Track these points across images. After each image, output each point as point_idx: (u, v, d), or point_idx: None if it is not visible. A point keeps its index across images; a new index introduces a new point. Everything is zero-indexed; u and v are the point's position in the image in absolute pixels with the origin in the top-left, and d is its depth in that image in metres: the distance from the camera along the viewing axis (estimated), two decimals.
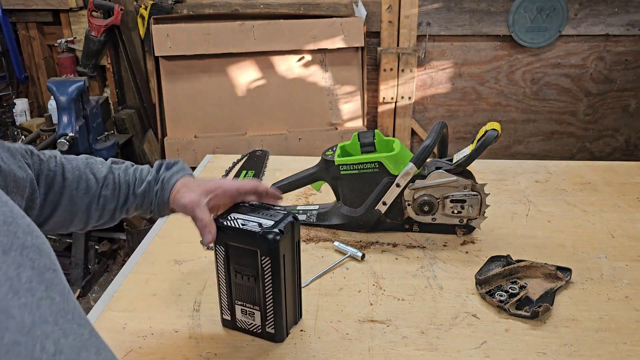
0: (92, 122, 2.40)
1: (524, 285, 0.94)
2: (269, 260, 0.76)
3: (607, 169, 1.47)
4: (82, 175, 0.78)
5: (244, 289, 0.80)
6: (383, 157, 1.07)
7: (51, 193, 0.75)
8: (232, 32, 2.51)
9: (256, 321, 0.82)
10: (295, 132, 2.62)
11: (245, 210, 0.80)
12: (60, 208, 0.76)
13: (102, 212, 0.80)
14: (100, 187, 0.79)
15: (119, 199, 0.80)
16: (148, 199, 0.82)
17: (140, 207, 0.83)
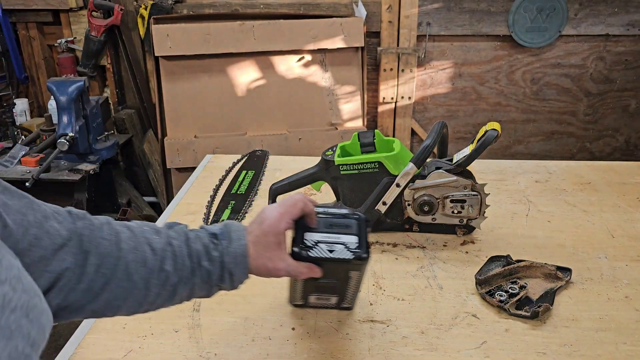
0: (92, 122, 2.40)
1: (524, 285, 0.94)
2: (358, 272, 0.77)
3: (607, 169, 1.47)
4: (139, 246, 0.66)
5: (325, 288, 0.81)
6: (383, 157, 1.07)
7: (104, 265, 0.63)
8: (232, 32, 2.51)
9: (331, 302, 0.86)
10: (295, 132, 2.62)
11: (315, 225, 0.76)
12: (114, 282, 0.63)
13: (162, 289, 0.67)
14: (160, 260, 0.66)
15: (183, 272, 0.68)
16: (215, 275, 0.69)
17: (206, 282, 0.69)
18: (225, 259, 0.69)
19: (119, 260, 0.64)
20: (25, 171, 2.32)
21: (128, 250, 0.65)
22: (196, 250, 0.69)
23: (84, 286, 0.61)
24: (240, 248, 0.70)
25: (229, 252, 0.69)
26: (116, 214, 2.65)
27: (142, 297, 0.66)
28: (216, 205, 1.29)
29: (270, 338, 0.84)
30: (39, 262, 0.56)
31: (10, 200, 0.55)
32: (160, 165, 2.73)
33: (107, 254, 0.63)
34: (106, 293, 0.63)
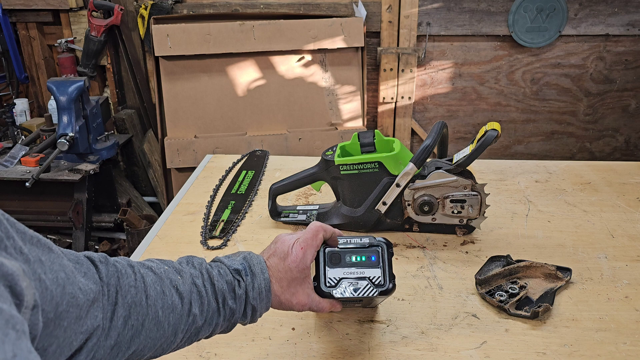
0: (92, 122, 2.40)
1: (524, 285, 0.94)
2: (385, 297, 0.78)
3: (607, 169, 1.47)
4: (166, 291, 0.61)
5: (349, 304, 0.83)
6: (383, 157, 1.07)
7: (132, 316, 0.57)
8: (232, 32, 2.51)
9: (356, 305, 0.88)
10: (295, 132, 2.62)
11: (336, 261, 0.76)
12: (143, 334, 0.59)
13: (188, 333, 0.64)
14: (189, 303, 0.63)
15: (208, 314, 0.65)
16: (238, 313, 0.68)
17: (229, 320, 0.68)
18: (249, 295, 0.67)
19: (148, 309, 0.59)
20: (25, 171, 2.32)
21: (156, 297, 0.60)
22: (221, 289, 0.66)
23: (111, 342, 0.56)
24: (264, 283, 0.68)
25: (254, 287, 0.68)
26: (116, 214, 2.65)
27: (169, 344, 0.62)
28: (216, 205, 1.29)
29: (270, 338, 0.84)
30: (74, 324, 0.50)
31: (42, 255, 0.48)
32: (160, 165, 2.73)
33: (135, 304, 0.58)
34: (134, 345, 0.58)
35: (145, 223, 2.56)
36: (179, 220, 1.22)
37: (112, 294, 0.57)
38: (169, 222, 1.22)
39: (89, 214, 2.49)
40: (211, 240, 1.13)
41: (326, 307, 0.74)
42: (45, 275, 0.46)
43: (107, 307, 0.56)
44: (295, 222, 1.19)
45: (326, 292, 0.73)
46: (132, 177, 3.00)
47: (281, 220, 1.20)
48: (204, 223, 1.20)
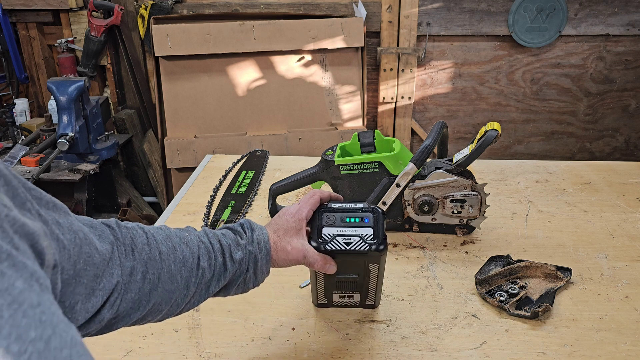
0: (92, 122, 2.40)
1: (524, 285, 0.94)
2: (376, 264, 0.79)
3: (607, 169, 1.47)
4: (177, 246, 0.67)
5: (345, 284, 0.83)
6: (383, 157, 1.07)
7: (149, 271, 0.63)
8: (232, 32, 2.51)
9: (355, 299, 0.87)
10: (295, 132, 2.62)
11: (332, 221, 0.79)
12: (160, 287, 0.64)
13: (199, 287, 0.68)
14: (197, 257, 0.68)
15: (216, 268, 0.69)
16: (244, 265, 0.72)
17: (236, 274, 0.71)
18: (249, 247, 0.71)
19: (162, 264, 0.64)
20: (25, 171, 2.32)
21: (168, 252, 0.65)
22: (227, 244, 0.71)
23: (132, 295, 0.61)
24: (262, 234, 0.73)
25: (253, 238, 0.72)
26: (116, 214, 2.65)
27: (182, 298, 0.67)
28: (216, 205, 1.29)
29: (270, 338, 0.84)
30: (93, 281, 0.55)
31: (59, 218, 0.52)
32: (160, 165, 2.73)
33: (150, 260, 0.63)
34: (153, 298, 0.63)
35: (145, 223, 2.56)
36: (179, 220, 1.22)
37: (128, 252, 0.61)
38: (169, 222, 1.22)
39: (89, 214, 2.49)
40: None
41: (320, 261, 0.75)
42: (64, 236, 0.50)
43: (126, 264, 0.60)
44: None
45: (320, 247, 0.76)
46: (132, 177, 3.00)
47: None
48: (204, 223, 1.20)
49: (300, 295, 0.94)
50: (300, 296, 0.94)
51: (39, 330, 0.34)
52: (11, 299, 0.34)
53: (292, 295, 0.94)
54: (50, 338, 0.35)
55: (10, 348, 0.32)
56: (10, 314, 0.33)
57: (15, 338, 0.32)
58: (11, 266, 0.36)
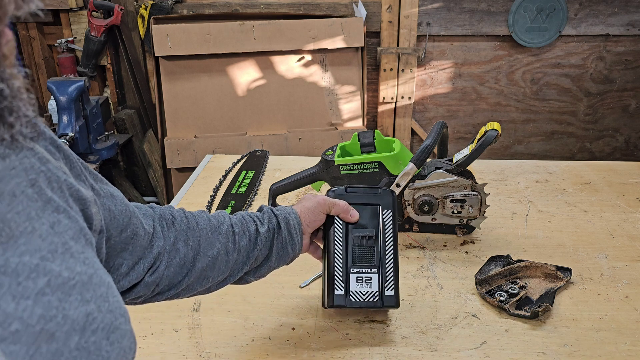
0: (92, 122, 2.40)
1: (524, 285, 0.94)
2: (390, 213, 0.83)
3: (607, 169, 1.47)
4: (211, 217, 0.73)
5: (362, 252, 0.82)
6: (383, 157, 1.07)
7: (190, 239, 0.69)
8: (232, 32, 2.51)
9: (373, 288, 0.81)
10: (295, 132, 2.61)
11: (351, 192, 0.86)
12: (201, 252, 0.70)
13: (239, 253, 0.73)
14: (231, 225, 0.74)
15: (250, 234, 0.74)
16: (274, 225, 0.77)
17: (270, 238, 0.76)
18: (276, 212, 0.78)
19: (200, 232, 0.70)
20: None
21: (204, 223, 0.72)
22: (255, 214, 0.78)
23: (178, 261, 0.67)
24: (283, 206, 0.81)
25: (278, 208, 0.79)
26: None
27: (224, 264, 0.72)
28: (216, 205, 1.29)
29: (270, 338, 0.84)
30: (139, 251, 0.63)
31: (114, 192, 0.60)
32: (160, 165, 2.73)
33: (189, 229, 0.70)
34: (197, 264, 0.69)
35: None
36: None
37: (169, 224, 0.69)
38: None
39: None
40: None
41: (344, 206, 0.81)
42: (115, 207, 0.58)
43: (168, 235, 0.68)
44: None
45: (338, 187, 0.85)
46: (132, 177, 3.00)
47: None
48: None
49: (300, 295, 0.94)
50: (300, 296, 0.94)
51: (84, 268, 0.43)
52: (64, 241, 0.43)
53: (292, 295, 0.95)
54: (92, 276, 0.43)
55: (62, 273, 0.41)
56: (62, 250, 0.42)
57: (66, 267, 0.41)
58: (66, 218, 0.45)
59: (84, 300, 0.41)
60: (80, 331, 0.40)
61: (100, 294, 0.43)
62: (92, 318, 0.41)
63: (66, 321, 0.39)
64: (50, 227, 0.42)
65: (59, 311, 0.39)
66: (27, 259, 0.39)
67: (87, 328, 0.40)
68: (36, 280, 0.39)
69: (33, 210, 0.42)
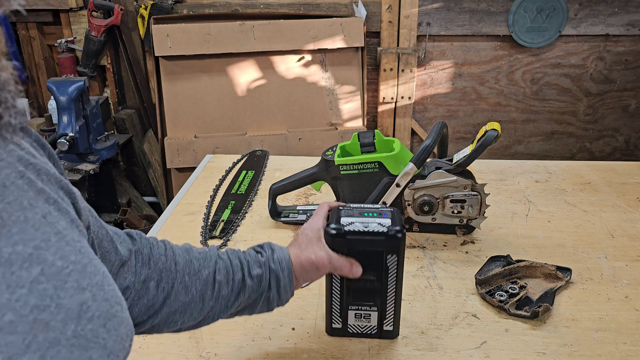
0: (92, 122, 2.40)
1: (524, 285, 0.94)
2: (395, 257, 0.76)
3: (607, 169, 1.47)
4: (193, 260, 0.68)
5: (362, 291, 0.79)
6: (383, 157, 1.07)
7: (163, 280, 0.65)
8: (232, 32, 2.51)
9: (372, 322, 0.81)
10: (295, 132, 2.61)
11: (350, 213, 0.79)
12: (172, 296, 0.65)
13: (216, 301, 0.68)
14: (214, 271, 0.68)
15: (234, 283, 0.69)
16: (265, 282, 0.71)
17: (256, 291, 0.71)
18: (271, 265, 0.71)
19: (176, 274, 0.66)
20: None
21: (184, 264, 0.67)
22: (246, 260, 0.71)
23: (145, 302, 0.63)
24: (283, 253, 0.73)
25: (274, 257, 0.72)
26: (116, 214, 2.65)
27: (198, 311, 0.67)
28: (216, 205, 1.29)
29: (270, 338, 0.84)
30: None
31: (89, 211, 0.56)
32: (160, 165, 2.73)
33: (165, 269, 0.65)
34: (166, 307, 0.64)
35: (145, 223, 2.56)
36: (179, 220, 1.22)
37: (145, 261, 0.64)
38: (169, 222, 1.22)
39: None
40: (211, 240, 1.13)
41: (346, 265, 0.75)
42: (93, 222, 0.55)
43: (141, 271, 0.63)
44: (295, 222, 1.19)
45: (340, 229, 0.75)
46: (132, 177, 2.99)
47: (281, 220, 1.20)
48: (204, 223, 1.20)
49: (300, 295, 0.94)
50: (301, 296, 0.94)
51: (79, 257, 0.43)
52: (57, 230, 0.42)
53: None
54: (87, 265, 0.43)
55: (56, 262, 0.40)
56: (56, 240, 0.42)
57: (60, 257, 0.41)
58: (57, 210, 0.44)
59: (79, 288, 0.41)
60: (76, 319, 0.40)
61: (96, 282, 0.43)
62: (87, 306, 0.41)
63: (60, 310, 0.39)
64: (43, 217, 0.42)
65: (52, 300, 0.39)
66: (21, 248, 0.39)
67: (83, 316, 0.40)
68: (30, 270, 0.39)
69: (25, 200, 0.42)
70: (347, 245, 0.75)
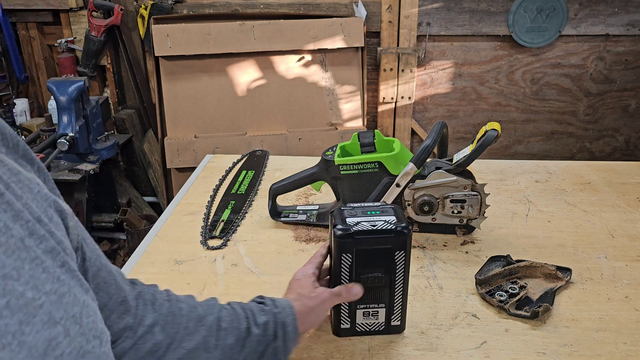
0: (92, 122, 2.40)
1: (524, 285, 0.94)
2: (403, 253, 0.78)
3: (607, 169, 1.47)
4: (197, 305, 0.67)
5: (370, 290, 0.80)
6: (383, 157, 1.07)
7: (168, 325, 0.63)
8: (232, 32, 2.51)
9: (380, 319, 0.82)
10: (295, 132, 2.62)
11: (354, 213, 0.79)
12: (176, 342, 0.63)
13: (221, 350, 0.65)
14: (218, 318, 0.66)
15: (240, 332, 0.67)
16: (270, 330, 0.69)
17: (262, 342, 0.68)
18: (275, 311, 0.70)
19: (181, 319, 0.64)
20: None
21: (188, 310, 0.65)
22: (250, 308, 0.70)
23: (149, 347, 0.60)
24: (285, 301, 0.73)
25: (277, 305, 0.72)
26: (116, 214, 2.65)
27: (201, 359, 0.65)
28: (216, 205, 1.29)
29: None
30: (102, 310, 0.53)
31: (87, 238, 0.54)
32: (160, 165, 2.73)
33: (170, 314, 0.63)
34: (170, 354, 0.62)
35: (145, 223, 2.56)
36: (179, 220, 1.22)
37: (147, 304, 0.62)
38: (169, 222, 1.22)
39: (89, 214, 2.49)
40: (211, 240, 1.13)
41: (344, 289, 0.76)
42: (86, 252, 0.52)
43: (144, 314, 0.61)
44: (295, 222, 1.19)
45: (347, 226, 0.75)
46: (132, 177, 3.00)
47: (281, 220, 1.20)
48: (204, 223, 1.20)
49: None
50: None
51: (56, 285, 0.39)
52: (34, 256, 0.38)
53: None
54: (64, 294, 0.39)
55: (25, 294, 0.36)
56: (30, 267, 0.38)
57: (32, 286, 0.37)
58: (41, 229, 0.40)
59: (50, 322, 0.37)
60: (41, 357, 0.36)
61: (72, 315, 0.39)
62: (56, 343, 0.37)
63: (22, 348, 0.35)
64: (20, 241, 0.38)
65: (15, 337, 0.35)
66: None
67: (50, 354, 0.36)
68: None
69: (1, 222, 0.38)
70: (355, 245, 0.76)
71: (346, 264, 0.77)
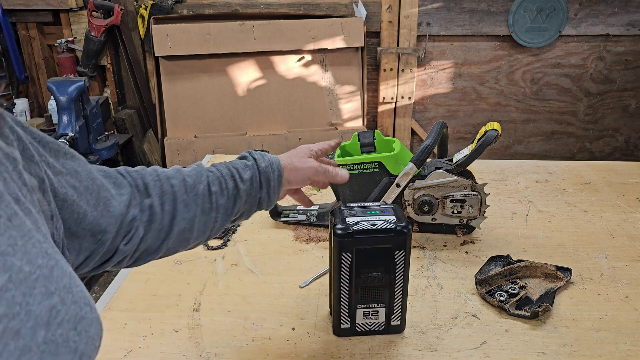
0: (92, 122, 2.40)
1: (524, 285, 0.94)
2: (402, 252, 0.78)
3: (607, 169, 1.47)
4: (186, 178, 0.71)
5: (370, 290, 0.80)
6: (383, 157, 1.07)
7: (166, 203, 0.68)
8: (232, 32, 2.51)
9: (380, 319, 0.83)
10: (295, 132, 2.62)
11: (354, 213, 0.80)
12: (178, 216, 0.68)
13: (218, 211, 0.72)
14: (207, 184, 0.71)
15: (229, 191, 0.73)
16: (256, 183, 0.75)
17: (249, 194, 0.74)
18: (260, 165, 0.75)
19: (175, 194, 0.69)
20: None
21: (179, 184, 0.70)
22: (234, 167, 0.75)
23: (156, 226, 0.66)
24: (273, 158, 0.78)
25: (264, 159, 0.77)
26: None
27: (204, 224, 0.71)
28: None
29: (270, 338, 0.84)
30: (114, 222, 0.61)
31: (78, 167, 0.58)
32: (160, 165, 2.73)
33: (164, 193, 0.68)
34: (175, 227, 0.68)
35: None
36: None
37: (142, 192, 0.68)
38: None
39: None
40: (211, 240, 1.13)
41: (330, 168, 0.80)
42: (80, 184, 0.56)
43: (144, 202, 0.67)
44: (295, 222, 1.19)
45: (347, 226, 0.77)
46: None
47: (281, 220, 1.20)
48: None
49: (300, 295, 0.94)
50: (300, 296, 0.94)
51: (45, 259, 0.42)
52: (23, 232, 0.41)
53: (292, 295, 0.94)
54: (53, 267, 0.42)
55: (23, 268, 0.39)
56: (22, 243, 0.40)
57: (27, 261, 0.40)
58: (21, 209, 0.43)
59: (48, 293, 0.40)
60: (46, 325, 0.39)
61: (63, 285, 0.42)
62: (56, 311, 0.40)
63: (30, 317, 0.38)
64: (8, 220, 0.41)
65: (22, 307, 0.38)
66: None
67: (52, 321, 0.40)
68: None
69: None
70: (355, 245, 0.77)
71: (346, 263, 0.77)
